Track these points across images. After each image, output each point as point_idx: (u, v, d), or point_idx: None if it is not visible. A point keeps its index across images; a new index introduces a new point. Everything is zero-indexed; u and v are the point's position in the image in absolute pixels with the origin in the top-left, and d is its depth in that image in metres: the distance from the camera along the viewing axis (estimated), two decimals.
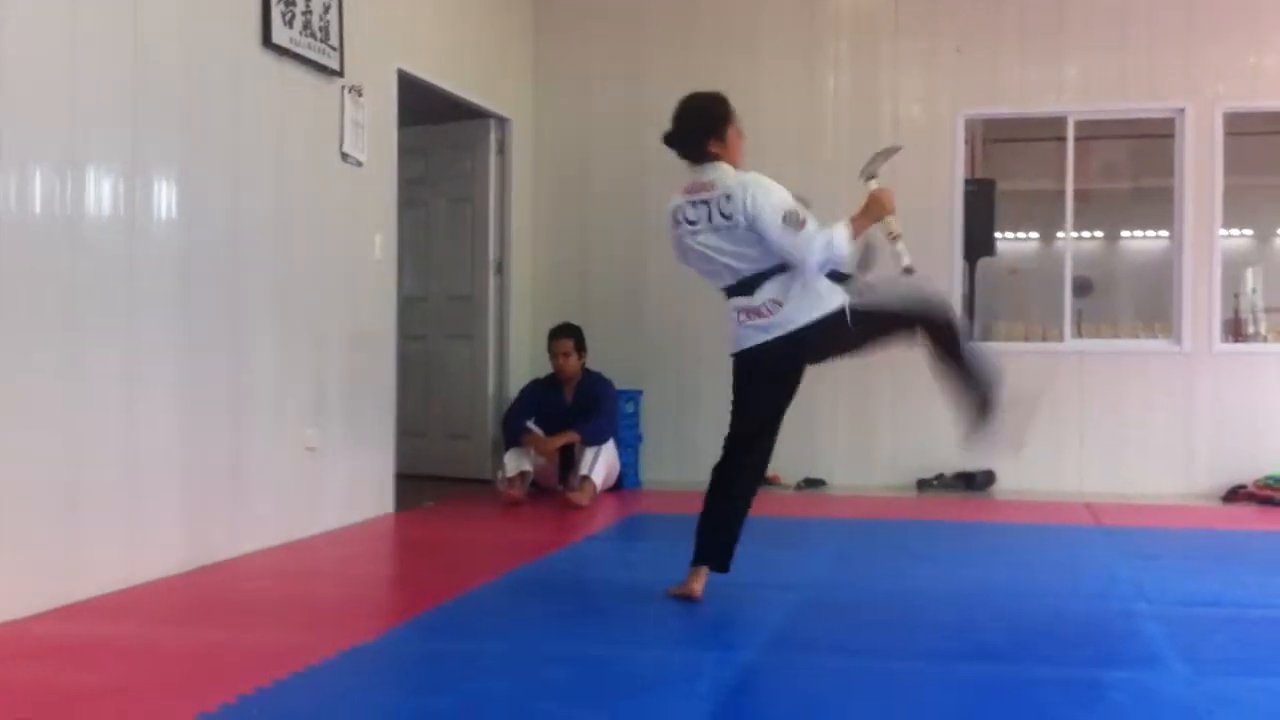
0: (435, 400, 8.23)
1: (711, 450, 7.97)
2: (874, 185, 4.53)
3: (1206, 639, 4.05)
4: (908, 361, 7.86)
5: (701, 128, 4.59)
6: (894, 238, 4.47)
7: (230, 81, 5.32)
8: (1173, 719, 3.22)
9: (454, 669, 3.68)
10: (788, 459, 7.92)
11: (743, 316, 4.46)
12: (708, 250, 4.53)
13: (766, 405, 4.57)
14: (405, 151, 7.22)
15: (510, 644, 3.95)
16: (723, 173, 4.52)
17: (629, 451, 7.84)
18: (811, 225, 4.31)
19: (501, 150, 8.14)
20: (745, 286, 4.46)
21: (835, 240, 4.29)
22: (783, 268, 4.38)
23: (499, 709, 3.26)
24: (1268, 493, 7.27)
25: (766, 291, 4.40)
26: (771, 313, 4.40)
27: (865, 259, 4.64)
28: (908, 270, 4.43)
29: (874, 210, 4.42)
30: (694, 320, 8.18)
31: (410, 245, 7.94)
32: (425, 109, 7.49)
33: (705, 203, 4.52)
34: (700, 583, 4.53)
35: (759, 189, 4.39)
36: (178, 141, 4.98)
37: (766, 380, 4.52)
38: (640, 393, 8.05)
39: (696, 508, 5.58)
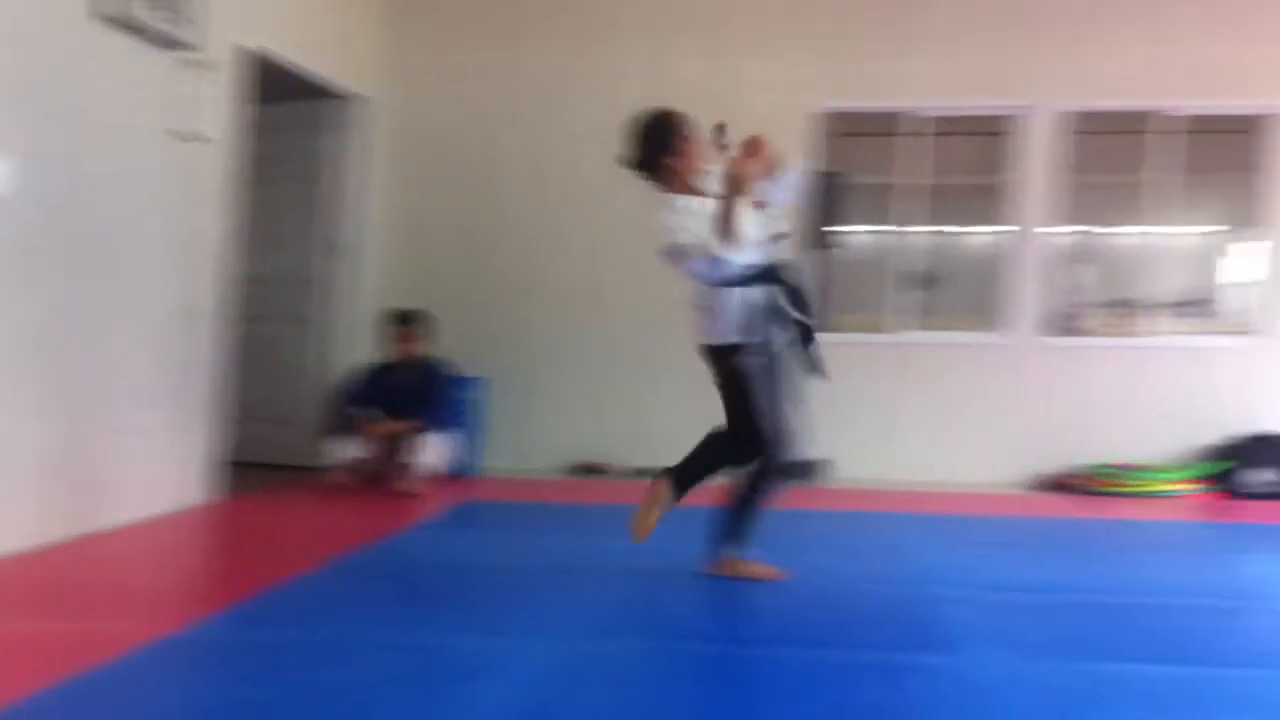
0: (270, 384, 8.07)
1: (554, 440, 8.13)
2: (728, 158, 4.47)
3: (1010, 623, 4.22)
4: None
5: (648, 144, 4.73)
6: (761, 207, 4.56)
7: (66, 53, 5.15)
8: (971, 700, 3.34)
9: (274, 659, 3.63)
10: (619, 447, 8.05)
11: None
12: None
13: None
14: (256, 129, 7.07)
15: (333, 633, 3.91)
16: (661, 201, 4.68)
17: (466, 439, 7.81)
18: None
19: (354, 130, 8.02)
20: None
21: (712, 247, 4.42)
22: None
23: (320, 699, 3.23)
24: (1079, 481, 7.58)
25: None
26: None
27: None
28: (780, 236, 4.55)
29: (731, 186, 4.38)
30: (541, 309, 8.21)
31: (257, 225, 7.76)
32: (278, 86, 7.32)
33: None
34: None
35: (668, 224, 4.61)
36: (7, 115, 4.82)
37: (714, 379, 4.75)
38: (483, 380, 8.02)
39: (534, 496, 5.64)
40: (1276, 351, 7.81)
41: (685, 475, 4.85)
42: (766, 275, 4.59)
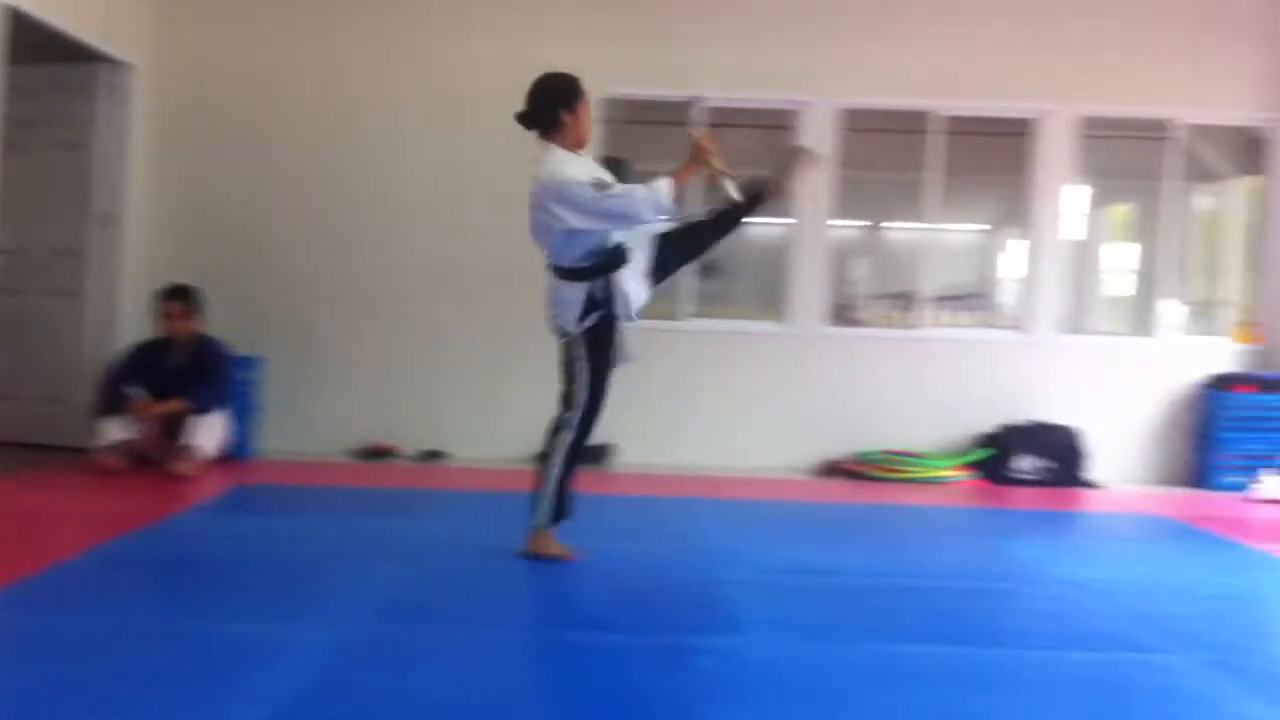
0: (31, 361, 7.63)
1: (339, 421, 7.92)
2: (696, 134, 4.90)
3: (793, 605, 4.30)
4: (531, 334, 8.00)
5: (549, 100, 4.90)
6: (724, 176, 4.81)
7: None
8: (754, 682, 3.38)
9: (30, 647, 3.44)
10: (407, 429, 7.91)
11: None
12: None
13: None
14: (10, 92, 6.62)
15: (96, 621, 3.73)
16: (549, 152, 4.80)
17: (243, 420, 7.53)
18: (620, 187, 4.58)
19: (119, 96, 7.62)
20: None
21: (658, 192, 4.53)
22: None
23: (77, 690, 3.08)
24: (860, 467, 7.79)
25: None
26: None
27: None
28: (734, 195, 4.83)
29: (698, 157, 4.73)
30: (320, 286, 7.97)
31: (10, 194, 7.30)
32: (35, 47, 6.88)
33: (535, 179, 4.74)
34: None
35: (560, 164, 4.68)
36: None
37: None
38: (258, 359, 7.75)
39: (313, 479, 5.45)
40: (1043, 344, 8.17)
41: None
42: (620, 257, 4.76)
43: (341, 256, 7.98)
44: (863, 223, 12.58)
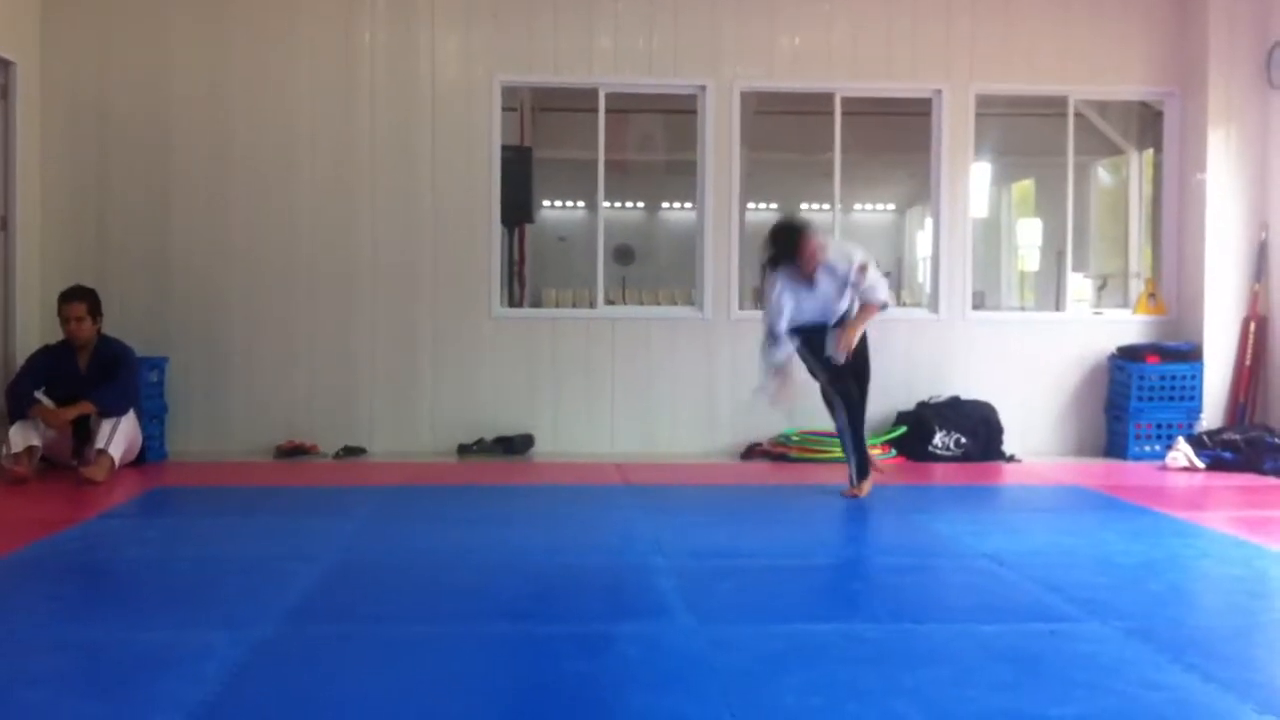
0: None
1: (254, 420, 7.78)
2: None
3: (712, 589, 4.29)
4: (446, 329, 7.93)
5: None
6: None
7: None
8: (674, 666, 3.37)
9: None
10: (325, 426, 7.81)
11: None
12: None
13: None
14: None
15: (4, 629, 3.64)
16: None
17: (153, 423, 7.40)
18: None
19: (3, 95, 7.41)
20: None
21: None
22: None
23: None
24: (780, 449, 7.81)
25: None
26: None
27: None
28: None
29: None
30: (227, 283, 7.83)
31: None
32: None
33: None
34: None
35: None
36: None
37: None
38: (166, 360, 7.61)
39: (226, 479, 5.30)
40: (955, 322, 8.25)
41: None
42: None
43: (245, 254, 7.85)
44: (773, 205, 12.67)
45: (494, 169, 7.96)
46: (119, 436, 6.76)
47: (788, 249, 6.16)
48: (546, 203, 12.70)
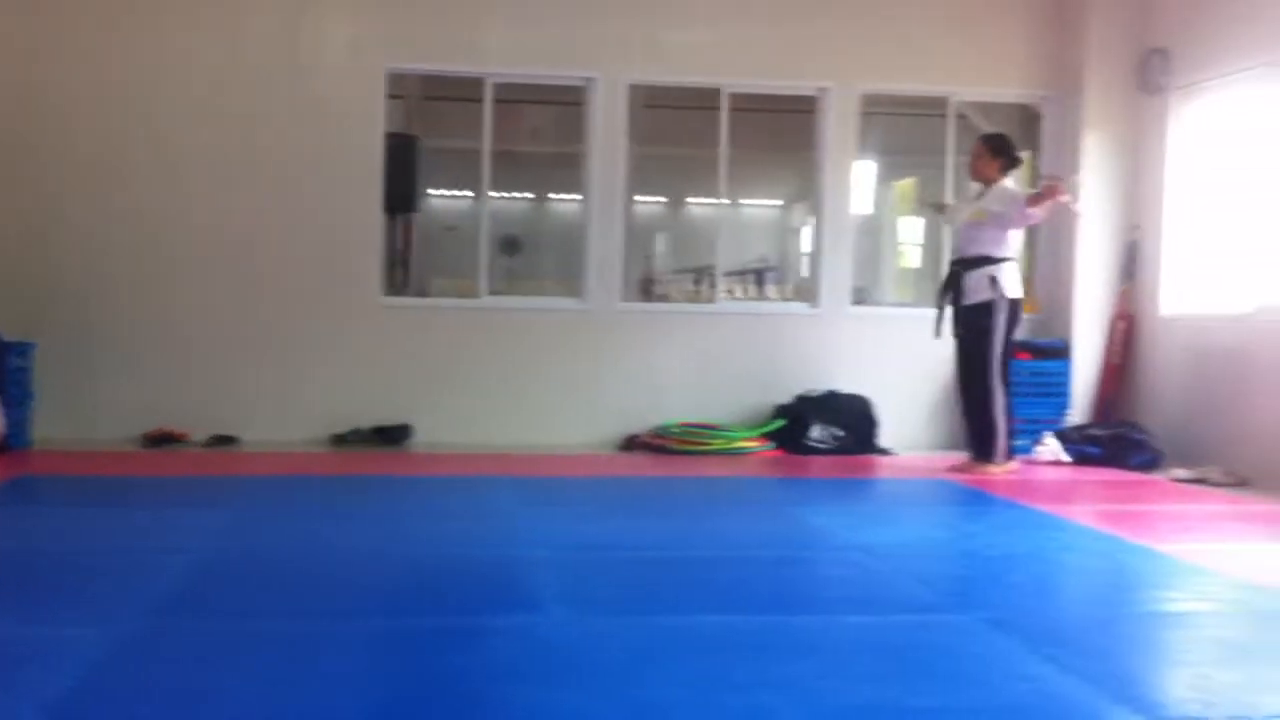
0: None
1: (122, 407, 7.57)
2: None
3: (589, 581, 4.29)
4: (325, 319, 7.82)
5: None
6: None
7: None
8: (547, 659, 3.36)
9: None
10: (195, 414, 7.63)
11: None
12: None
13: None
14: None
15: None
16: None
17: (18, 409, 7.18)
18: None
19: None
20: None
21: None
22: None
23: None
24: (660, 441, 7.85)
25: None
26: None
27: None
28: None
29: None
30: (103, 265, 7.64)
31: None
32: None
33: None
34: None
35: None
36: None
37: None
38: (33, 345, 7.38)
39: (97, 468, 5.17)
40: (833, 316, 8.36)
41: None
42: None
43: (120, 238, 7.66)
44: (661, 199, 12.72)
45: (376, 156, 7.86)
46: None
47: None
48: (436, 192, 12.57)
